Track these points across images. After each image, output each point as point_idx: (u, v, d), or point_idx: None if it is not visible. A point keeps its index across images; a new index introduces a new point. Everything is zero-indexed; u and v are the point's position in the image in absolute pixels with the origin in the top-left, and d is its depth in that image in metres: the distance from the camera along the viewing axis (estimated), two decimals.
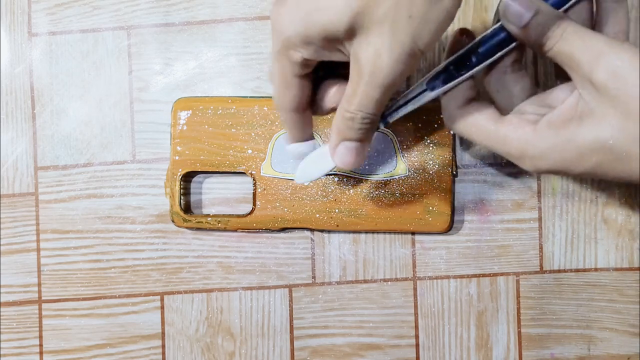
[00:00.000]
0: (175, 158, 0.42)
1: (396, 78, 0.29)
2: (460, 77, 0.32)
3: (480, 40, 0.31)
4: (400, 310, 0.43)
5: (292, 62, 0.31)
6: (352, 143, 0.32)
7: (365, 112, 0.30)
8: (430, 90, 0.32)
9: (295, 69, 0.31)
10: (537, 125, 0.30)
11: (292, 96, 0.32)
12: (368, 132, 0.32)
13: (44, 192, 0.43)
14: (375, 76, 0.29)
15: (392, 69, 0.29)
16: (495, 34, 0.31)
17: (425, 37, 0.29)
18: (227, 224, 0.42)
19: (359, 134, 0.32)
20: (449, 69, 0.32)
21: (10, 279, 0.44)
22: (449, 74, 0.32)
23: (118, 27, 0.44)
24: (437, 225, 0.41)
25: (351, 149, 0.32)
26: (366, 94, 0.30)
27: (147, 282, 0.43)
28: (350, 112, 0.31)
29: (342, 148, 0.32)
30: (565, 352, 0.43)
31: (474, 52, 0.32)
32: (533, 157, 0.30)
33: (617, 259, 0.43)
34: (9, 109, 0.44)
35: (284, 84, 0.32)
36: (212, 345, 0.43)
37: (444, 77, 0.32)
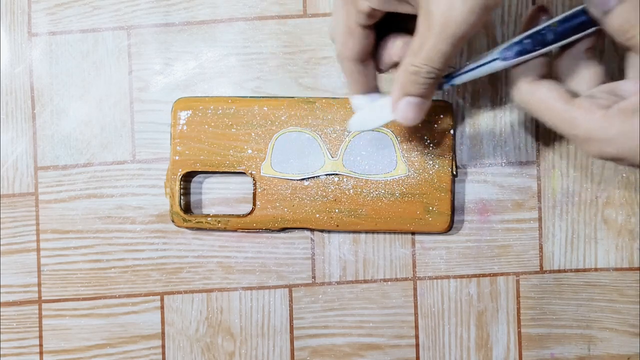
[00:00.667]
0: (175, 158, 0.42)
1: (467, 30, 0.29)
2: (534, 51, 0.32)
3: (561, 19, 0.31)
4: (400, 310, 0.43)
5: (359, 10, 0.31)
6: (414, 98, 0.32)
7: (431, 65, 0.30)
8: (502, 59, 0.32)
9: (360, 18, 0.31)
10: (609, 110, 0.30)
11: (355, 45, 0.32)
12: (431, 88, 0.32)
13: (44, 192, 0.43)
14: (446, 27, 0.29)
15: (465, 20, 0.28)
16: (576, 15, 0.31)
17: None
18: (227, 224, 0.42)
19: (422, 89, 0.31)
20: (524, 42, 0.32)
21: (10, 279, 0.44)
22: (523, 47, 0.32)
23: (118, 27, 0.44)
24: (437, 225, 0.41)
25: (413, 104, 0.32)
26: (434, 46, 0.29)
27: (147, 282, 0.43)
28: (415, 65, 0.30)
29: (403, 103, 0.32)
30: (565, 352, 0.43)
31: (552, 30, 0.31)
32: (600, 142, 0.30)
33: (617, 259, 0.43)
34: (9, 109, 0.44)
35: (348, 32, 0.32)
36: (212, 345, 0.43)
37: (518, 50, 0.32)
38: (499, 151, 0.43)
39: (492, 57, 0.32)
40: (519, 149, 0.43)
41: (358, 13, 0.31)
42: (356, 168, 0.41)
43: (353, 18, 0.31)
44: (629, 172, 0.43)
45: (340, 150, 0.41)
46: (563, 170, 0.43)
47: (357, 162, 0.41)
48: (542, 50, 0.32)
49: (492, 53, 0.32)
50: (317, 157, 0.41)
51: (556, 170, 0.43)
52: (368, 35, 0.32)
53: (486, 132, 0.43)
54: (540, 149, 0.43)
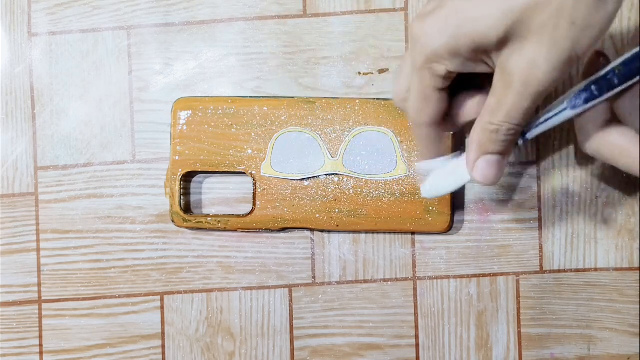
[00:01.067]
0: (175, 158, 0.42)
1: (550, 86, 0.28)
2: (600, 97, 0.31)
3: (623, 62, 0.31)
4: (400, 310, 0.43)
5: (435, 75, 0.30)
6: (493, 157, 0.31)
7: (512, 123, 0.30)
8: (571, 108, 0.32)
9: (437, 82, 0.30)
10: None
11: (432, 111, 0.31)
12: (510, 144, 0.31)
13: (44, 192, 0.43)
14: (528, 85, 0.28)
15: (548, 77, 0.28)
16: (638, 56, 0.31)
17: (585, 43, 0.28)
18: (227, 224, 0.42)
19: (502, 147, 0.31)
20: (591, 88, 0.32)
21: (10, 279, 0.44)
22: (590, 94, 0.32)
23: (118, 27, 0.44)
24: (437, 225, 0.41)
25: (493, 162, 0.31)
26: (515, 104, 0.29)
27: (147, 282, 0.43)
28: (494, 124, 0.30)
29: (482, 162, 0.31)
30: (565, 352, 0.43)
31: (617, 74, 0.31)
32: None
33: (617, 259, 0.43)
34: (9, 109, 0.44)
35: (424, 98, 0.31)
36: (212, 345, 0.43)
37: (586, 97, 0.32)
38: None
39: (562, 107, 0.32)
40: (519, 149, 0.43)
41: (435, 78, 0.30)
42: (356, 168, 0.41)
43: (429, 83, 0.30)
44: None
45: (340, 150, 0.41)
46: (563, 170, 0.43)
47: (357, 162, 0.41)
48: (608, 94, 0.31)
49: (562, 103, 0.32)
50: (317, 157, 0.42)
51: (556, 170, 0.43)
52: (444, 98, 0.31)
53: None
54: (540, 149, 0.43)
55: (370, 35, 0.43)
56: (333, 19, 0.43)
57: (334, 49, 0.43)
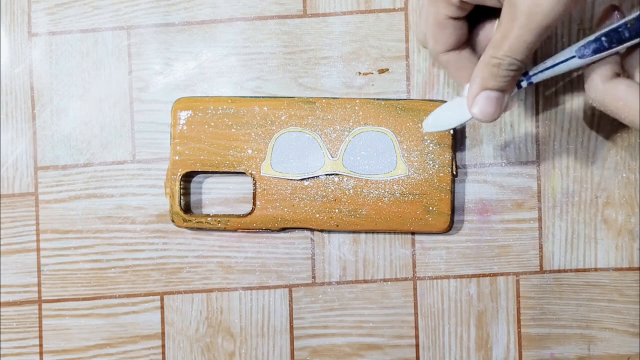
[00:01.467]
0: (175, 158, 0.42)
1: (553, 20, 0.28)
2: (611, 49, 0.32)
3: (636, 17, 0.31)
4: (400, 310, 0.43)
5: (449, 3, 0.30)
6: (493, 92, 0.31)
7: (514, 57, 0.30)
8: (579, 57, 0.32)
9: (451, 11, 0.31)
10: None
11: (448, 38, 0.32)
12: (512, 81, 0.31)
13: (44, 192, 0.43)
14: (532, 17, 0.28)
15: (552, 9, 0.28)
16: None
17: None
18: (227, 224, 0.42)
19: (503, 83, 0.31)
20: (601, 39, 0.32)
21: (10, 279, 0.44)
22: (600, 45, 0.32)
23: (118, 27, 0.44)
24: (437, 225, 0.41)
25: (492, 98, 0.31)
26: (518, 37, 0.29)
27: (147, 282, 0.43)
28: (497, 57, 0.30)
29: (482, 97, 0.31)
30: (565, 352, 0.43)
31: (629, 28, 0.31)
32: None
33: (617, 259, 0.43)
34: (9, 109, 0.44)
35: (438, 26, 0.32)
36: (212, 345, 0.43)
37: (595, 47, 0.32)
38: (499, 151, 0.43)
39: (569, 55, 0.32)
40: (519, 149, 0.43)
41: (448, 6, 0.31)
42: (356, 168, 0.41)
43: (443, 11, 0.31)
44: (629, 172, 0.43)
45: (340, 150, 0.41)
46: (563, 170, 0.43)
47: (357, 162, 0.41)
48: (618, 47, 0.32)
49: (570, 50, 0.32)
50: (317, 157, 0.42)
51: (556, 170, 0.43)
52: (461, 26, 0.32)
53: (486, 132, 0.43)
54: (540, 149, 0.43)
55: (370, 35, 0.43)
56: (333, 19, 0.43)
57: (334, 49, 0.43)
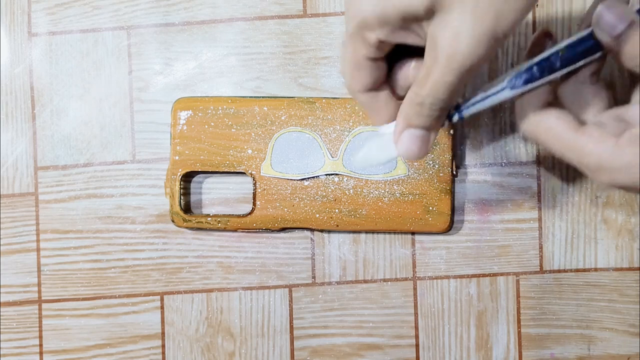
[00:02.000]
0: (175, 158, 0.42)
1: (474, 62, 0.28)
2: (542, 79, 0.31)
3: (567, 45, 0.31)
4: (400, 310, 0.43)
5: (367, 44, 0.30)
6: (418, 130, 0.31)
7: (436, 97, 0.29)
8: (510, 88, 0.31)
9: (369, 51, 0.30)
10: (620, 139, 0.29)
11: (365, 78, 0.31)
12: (436, 120, 0.30)
13: (44, 192, 0.43)
14: (452, 59, 0.28)
15: (472, 52, 0.27)
16: (583, 40, 0.31)
17: (509, 18, 0.27)
18: (227, 224, 0.42)
19: (427, 121, 0.30)
20: (532, 69, 0.31)
21: (10, 279, 0.44)
22: (531, 75, 0.31)
23: (118, 27, 0.44)
24: (437, 225, 0.41)
25: (417, 137, 0.31)
26: (440, 77, 0.28)
27: (147, 282, 0.43)
28: (420, 96, 0.29)
29: (407, 135, 0.31)
30: (565, 352, 0.43)
31: (560, 57, 0.31)
32: (612, 171, 0.29)
33: (617, 259, 0.43)
34: (9, 109, 0.44)
35: (356, 66, 0.31)
36: (212, 345, 0.43)
37: (526, 78, 0.31)
38: (499, 151, 0.43)
39: (500, 87, 0.32)
40: (519, 149, 0.43)
41: (366, 46, 0.30)
42: (356, 168, 0.41)
43: (361, 51, 0.30)
44: None
45: (340, 150, 0.41)
46: (563, 170, 0.43)
47: None
48: (549, 77, 0.31)
49: (501, 82, 0.32)
50: (317, 157, 0.42)
51: (556, 170, 0.43)
52: (378, 66, 0.31)
53: (486, 132, 0.43)
54: (540, 149, 0.43)
55: None
56: (333, 19, 0.43)
57: (334, 49, 0.43)
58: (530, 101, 0.32)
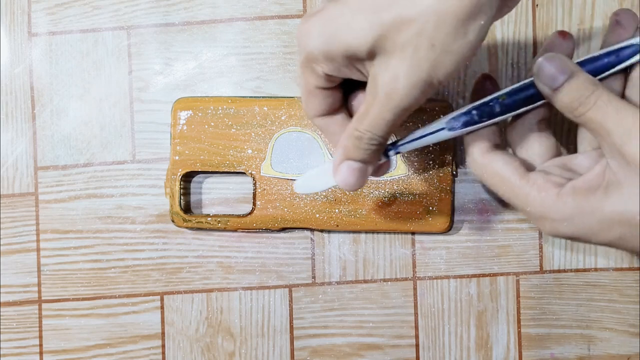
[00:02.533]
0: (175, 158, 0.42)
1: (410, 103, 0.29)
2: (481, 123, 0.32)
3: (509, 92, 0.31)
4: (400, 310, 0.43)
5: (315, 75, 0.31)
6: (355, 163, 0.32)
7: (374, 132, 0.30)
8: (448, 129, 0.32)
9: (318, 82, 0.31)
10: (562, 189, 0.30)
11: (318, 105, 0.32)
12: (374, 154, 0.32)
13: (44, 192, 0.43)
14: (390, 98, 0.29)
15: (408, 94, 0.29)
16: (524, 88, 0.31)
17: (445, 68, 0.28)
18: (227, 224, 0.42)
19: (364, 155, 0.31)
20: (472, 112, 0.32)
21: (10, 279, 0.44)
22: (470, 118, 0.32)
23: (118, 27, 0.44)
24: (437, 225, 0.41)
25: (354, 169, 0.32)
26: (378, 114, 0.30)
27: (147, 282, 0.43)
28: (359, 130, 0.31)
29: (344, 167, 0.32)
30: (565, 352, 0.43)
31: (500, 102, 0.31)
32: (554, 221, 0.30)
33: (617, 259, 0.43)
34: (9, 109, 0.44)
35: (308, 94, 0.32)
36: (212, 345, 0.43)
37: (465, 120, 0.32)
38: None
39: (439, 127, 0.32)
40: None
41: (315, 77, 0.31)
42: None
43: (311, 81, 0.32)
44: None
45: None
46: None
47: None
48: (489, 122, 0.32)
49: (440, 123, 0.32)
50: (317, 157, 0.42)
51: None
52: (331, 94, 0.32)
53: None
54: None
55: None
56: None
57: None
58: (478, 143, 0.32)
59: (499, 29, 0.43)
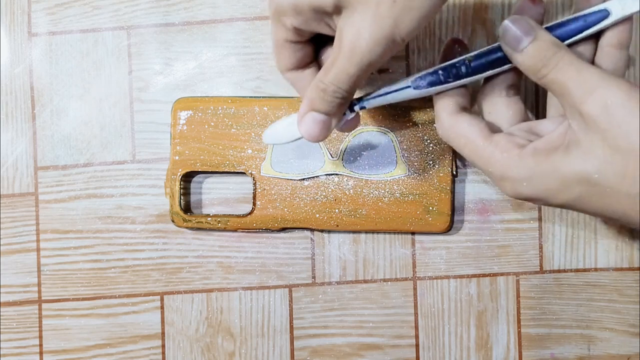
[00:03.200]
0: (175, 158, 0.42)
1: (373, 59, 0.30)
2: (446, 84, 0.32)
3: (476, 55, 0.32)
4: (400, 310, 0.43)
5: (284, 28, 0.32)
6: (319, 115, 0.32)
7: (338, 86, 0.31)
8: (413, 88, 0.32)
9: (287, 35, 0.32)
10: (523, 150, 0.30)
11: (288, 58, 0.33)
12: (338, 107, 0.32)
13: (44, 192, 0.43)
14: (353, 53, 0.30)
15: (370, 49, 0.29)
16: (491, 51, 0.31)
17: (406, 24, 0.29)
18: (227, 224, 0.42)
19: (328, 107, 0.32)
20: (438, 72, 0.32)
21: (10, 279, 0.44)
22: (436, 78, 0.32)
23: (118, 27, 0.44)
24: (437, 225, 0.41)
25: (318, 121, 0.32)
26: (342, 68, 0.30)
27: (147, 282, 0.43)
28: (323, 83, 0.31)
29: (309, 118, 0.32)
30: (565, 352, 0.43)
31: (466, 64, 0.32)
32: (514, 182, 0.30)
33: (617, 259, 0.43)
34: (9, 109, 0.44)
35: (278, 47, 0.33)
36: (212, 345, 0.43)
37: (431, 80, 0.32)
38: None
39: (404, 85, 0.33)
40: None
41: (285, 30, 0.32)
42: (356, 168, 0.41)
43: (281, 35, 0.32)
44: None
45: (340, 150, 0.41)
46: None
47: (357, 162, 0.41)
48: (454, 83, 0.32)
49: (406, 81, 0.33)
50: (317, 157, 0.42)
51: None
52: (300, 48, 0.33)
53: None
54: None
55: None
56: None
57: None
58: (445, 104, 0.33)
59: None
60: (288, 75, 0.34)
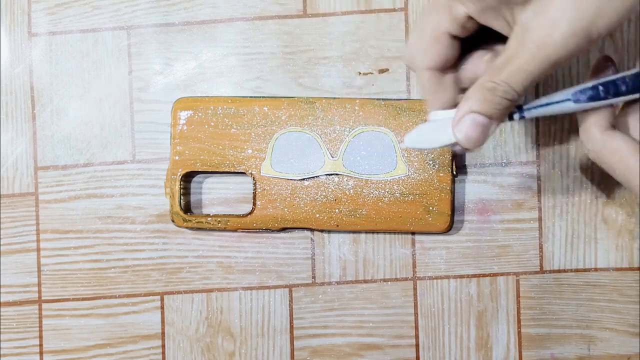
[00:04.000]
0: (175, 158, 0.42)
1: (562, 56, 0.27)
2: (606, 99, 0.31)
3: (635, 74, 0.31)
4: (400, 310, 0.43)
5: (452, 17, 0.29)
6: (480, 117, 0.29)
7: (510, 85, 0.28)
8: (574, 101, 0.31)
9: (451, 26, 0.29)
10: None
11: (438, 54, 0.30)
12: (502, 110, 0.29)
13: (44, 192, 0.43)
14: (542, 48, 0.27)
15: (564, 44, 0.27)
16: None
17: (607, 17, 0.26)
18: (227, 224, 0.42)
19: (493, 109, 0.29)
20: (598, 88, 0.31)
21: (10, 279, 0.44)
22: (596, 93, 0.31)
23: (118, 27, 0.44)
24: (437, 225, 0.41)
25: (479, 123, 0.29)
26: (521, 65, 0.28)
27: (147, 282, 0.43)
28: (493, 81, 0.28)
29: (468, 120, 0.29)
30: (565, 352, 0.43)
31: (626, 82, 0.31)
32: None
33: (617, 259, 0.43)
34: (9, 109, 0.44)
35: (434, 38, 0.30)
36: (212, 345, 0.43)
37: (591, 95, 0.31)
38: (499, 151, 0.43)
39: (565, 97, 0.31)
40: (519, 149, 0.43)
41: (451, 19, 0.29)
42: (356, 168, 0.41)
43: (444, 25, 0.29)
44: None
45: (340, 150, 0.41)
46: (563, 170, 0.43)
47: (357, 162, 0.41)
48: (613, 100, 0.31)
49: (566, 93, 0.31)
50: (317, 157, 0.42)
51: (556, 170, 0.43)
52: (455, 46, 0.30)
53: None
54: (540, 149, 0.43)
55: (371, 35, 0.43)
56: (333, 19, 0.43)
57: (334, 49, 0.43)
58: (596, 120, 0.31)
59: None
60: (427, 74, 0.31)
